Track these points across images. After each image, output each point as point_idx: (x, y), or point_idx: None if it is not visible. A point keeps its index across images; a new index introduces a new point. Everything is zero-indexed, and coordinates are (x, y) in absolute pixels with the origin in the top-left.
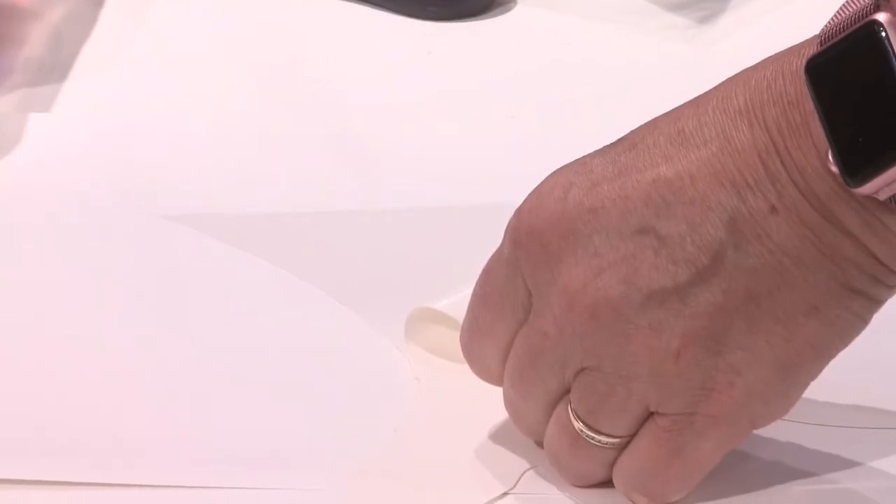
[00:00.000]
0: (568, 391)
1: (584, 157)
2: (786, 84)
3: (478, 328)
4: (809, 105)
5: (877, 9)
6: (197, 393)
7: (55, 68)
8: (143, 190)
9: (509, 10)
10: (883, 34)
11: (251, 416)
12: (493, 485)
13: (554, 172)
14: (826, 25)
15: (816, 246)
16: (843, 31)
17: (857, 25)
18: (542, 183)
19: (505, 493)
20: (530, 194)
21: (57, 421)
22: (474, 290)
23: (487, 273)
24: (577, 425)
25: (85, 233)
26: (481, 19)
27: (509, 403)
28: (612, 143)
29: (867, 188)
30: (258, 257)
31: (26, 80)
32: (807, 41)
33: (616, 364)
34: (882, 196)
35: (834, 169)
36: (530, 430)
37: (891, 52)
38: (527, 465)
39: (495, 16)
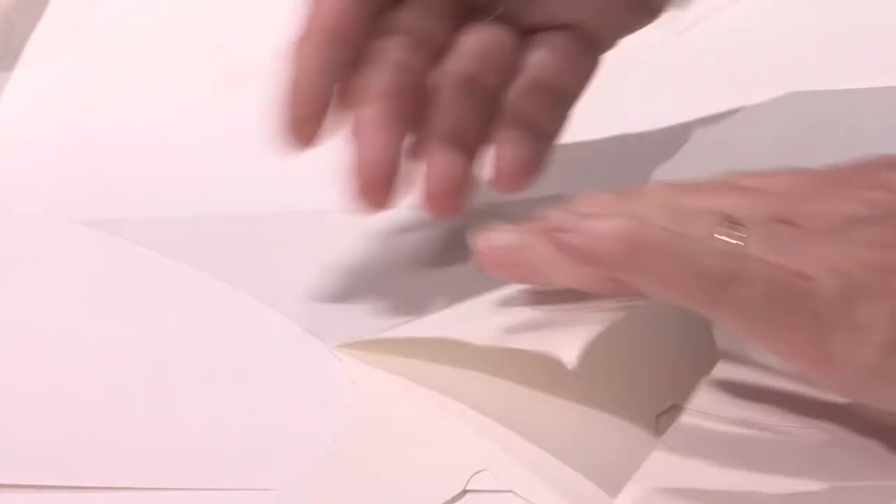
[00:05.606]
0: None
1: None
2: None
3: None
4: None
5: None
6: (142, 395)
7: (4, 57)
8: (101, 185)
9: None
10: None
11: (191, 419)
12: (444, 488)
13: None
14: None
15: None
16: None
17: None
18: None
19: (455, 497)
20: None
21: (28, 424)
22: None
23: None
24: None
25: (39, 233)
26: None
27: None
28: None
29: None
30: (220, 254)
31: None
32: None
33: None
34: None
35: None
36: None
37: None
38: (475, 469)
39: None
